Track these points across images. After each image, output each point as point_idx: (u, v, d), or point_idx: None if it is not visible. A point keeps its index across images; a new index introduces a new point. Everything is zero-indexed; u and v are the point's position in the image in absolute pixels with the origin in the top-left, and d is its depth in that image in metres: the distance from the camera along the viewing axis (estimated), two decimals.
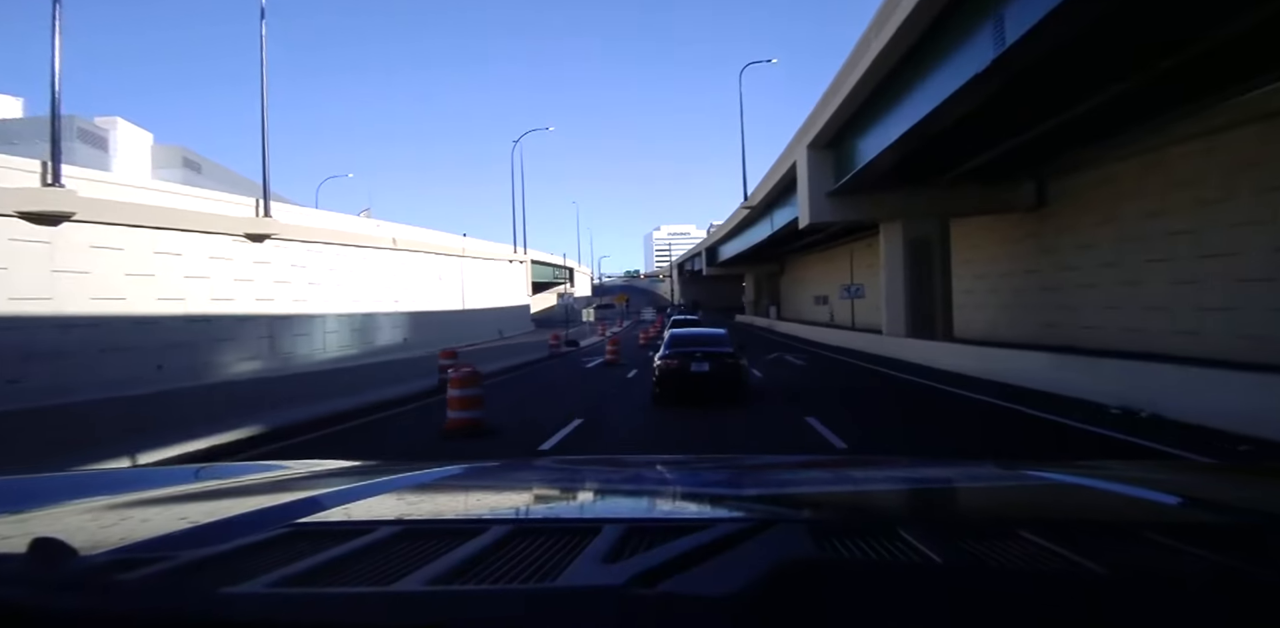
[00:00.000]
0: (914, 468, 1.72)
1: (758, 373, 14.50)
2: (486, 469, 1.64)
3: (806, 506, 1.19)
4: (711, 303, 73.85)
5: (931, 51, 12.44)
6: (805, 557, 0.66)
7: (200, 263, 17.42)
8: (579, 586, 0.59)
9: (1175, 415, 7.43)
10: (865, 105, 16.41)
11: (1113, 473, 1.39)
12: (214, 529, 0.81)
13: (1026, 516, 1.06)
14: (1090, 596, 0.53)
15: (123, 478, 1.67)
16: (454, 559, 0.67)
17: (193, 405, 7.69)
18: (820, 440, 7.09)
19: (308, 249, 21.94)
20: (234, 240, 18.65)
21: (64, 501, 1.07)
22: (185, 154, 57.06)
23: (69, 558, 0.63)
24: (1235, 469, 2.00)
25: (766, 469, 1.67)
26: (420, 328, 29.53)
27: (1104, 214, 17.71)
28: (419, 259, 30.36)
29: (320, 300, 22.45)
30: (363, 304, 25.27)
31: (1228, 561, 0.69)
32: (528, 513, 1.17)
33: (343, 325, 23.82)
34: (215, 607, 0.56)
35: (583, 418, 8.74)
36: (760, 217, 33.57)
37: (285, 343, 20.66)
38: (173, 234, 16.51)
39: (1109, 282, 17.55)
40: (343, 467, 1.65)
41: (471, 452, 6.95)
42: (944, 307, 20.14)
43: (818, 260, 46.21)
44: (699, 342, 10.43)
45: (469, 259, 36.70)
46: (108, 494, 1.13)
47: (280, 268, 20.55)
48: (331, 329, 23.02)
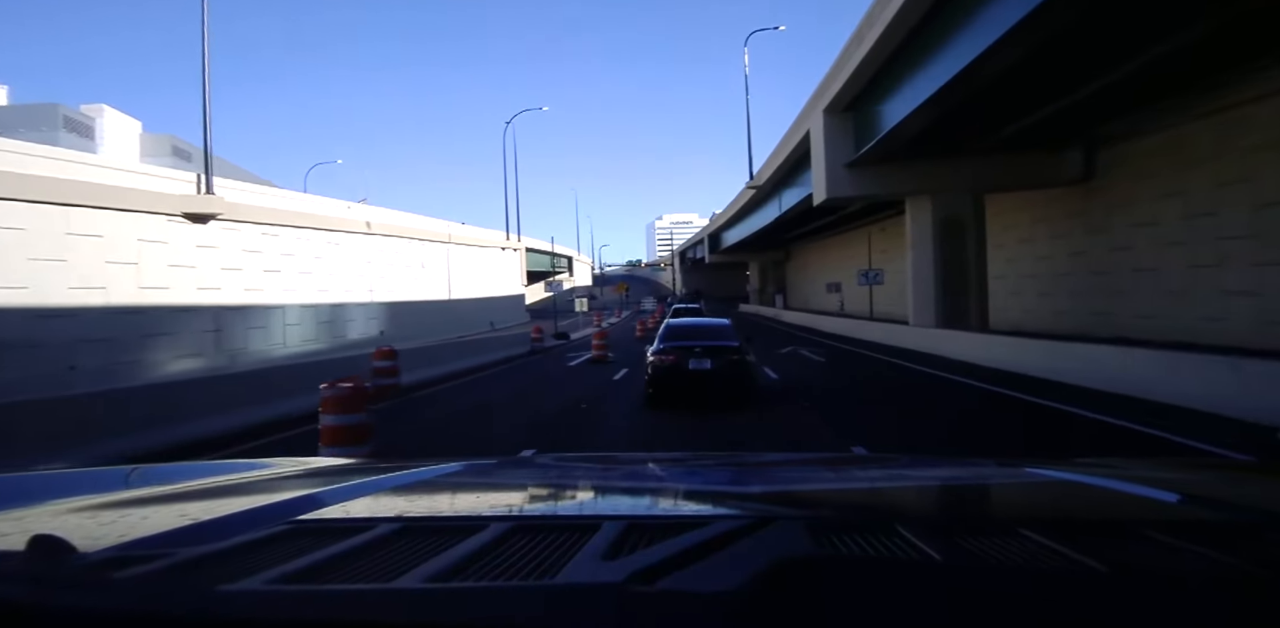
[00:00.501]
0: (914, 466, 1.70)
1: (772, 373, 12.19)
2: (485, 466, 1.64)
3: (805, 503, 1.18)
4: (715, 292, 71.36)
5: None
6: (804, 554, 0.67)
7: (126, 246, 15.12)
8: (578, 583, 0.59)
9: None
10: (894, 58, 13.99)
11: (1113, 471, 1.36)
12: (213, 527, 0.80)
13: (1026, 513, 1.08)
14: (1090, 594, 0.52)
15: (122, 475, 1.43)
16: (453, 556, 0.66)
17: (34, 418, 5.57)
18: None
19: (264, 233, 19.63)
20: (169, 221, 16.33)
21: (63, 498, 1.04)
22: (175, 143, 55.04)
23: (68, 556, 0.63)
24: (1236, 467, 1.84)
25: (766, 467, 1.71)
26: (400, 320, 27.30)
27: (1167, 185, 15.27)
28: (399, 245, 28.05)
29: (279, 289, 20.18)
30: (332, 294, 23.01)
31: (1228, 559, 0.69)
32: (527, 510, 1.15)
33: (307, 317, 21.56)
34: (214, 604, 0.56)
35: (538, 447, 6.12)
36: (767, 198, 31.10)
37: (236, 337, 18.42)
38: (89, 213, 14.21)
39: (1174, 264, 15.14)
40: (341, 464, 1.68)
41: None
42: (979, 294, 17.79)
43: (828, 246, 43.74)
44: (699, 334, 8.93)
45: (456, 246, 34.39)
46: (107, 492, 1.13)
47: (229, 253, 18.25)
48: (293, 321, 20.76)
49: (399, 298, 27.64)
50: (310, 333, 21.68)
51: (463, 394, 11.06)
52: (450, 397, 10.78)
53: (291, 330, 20.68)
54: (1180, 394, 7.39)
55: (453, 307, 33.28)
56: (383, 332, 26.16)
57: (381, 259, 26.48)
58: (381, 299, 26.23)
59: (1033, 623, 0.50)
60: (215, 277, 17.68)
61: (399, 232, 27.96)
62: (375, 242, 26.07)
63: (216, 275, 17.74)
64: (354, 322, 24.30)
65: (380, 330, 26.07)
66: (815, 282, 48.97)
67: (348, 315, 23.97)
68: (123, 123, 52.60)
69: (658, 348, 8.51)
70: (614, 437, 7.09)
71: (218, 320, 17.82)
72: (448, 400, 10.38)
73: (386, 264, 26.82)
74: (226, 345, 18.03)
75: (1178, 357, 8.45)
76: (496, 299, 38.53)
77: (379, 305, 26.00)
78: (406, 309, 28.01)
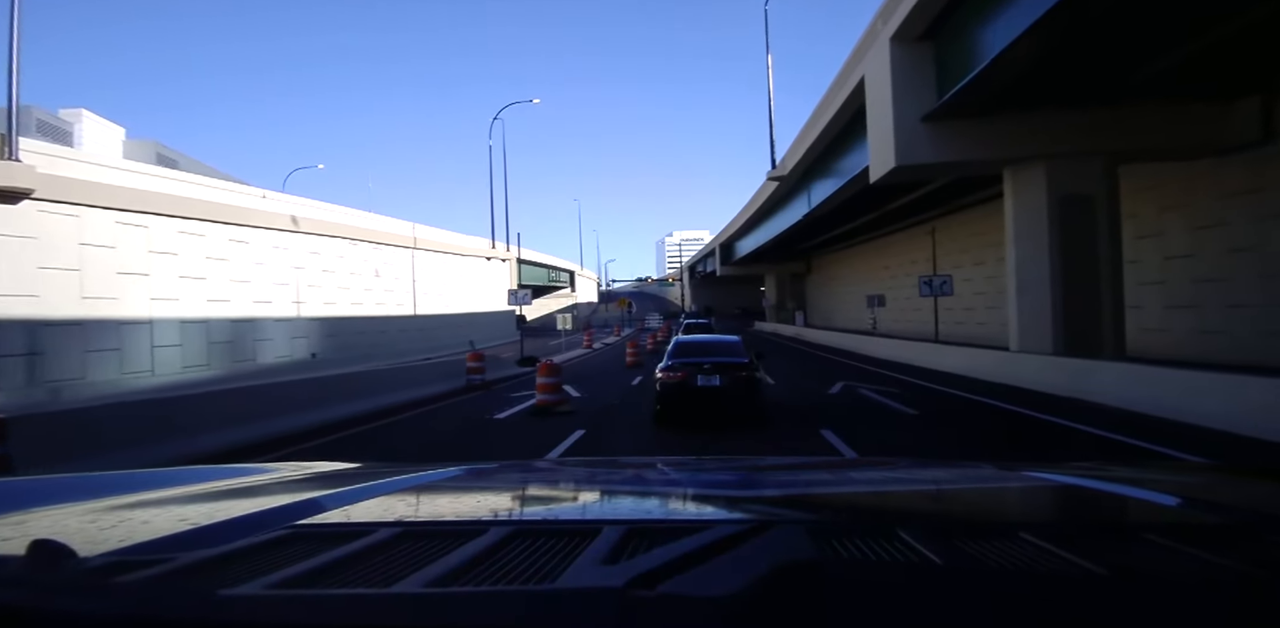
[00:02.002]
0: (914, 470, 1.70)
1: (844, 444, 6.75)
2: (486, 471, 1.62)
3: (806, 507, 1.17)
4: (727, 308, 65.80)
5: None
6: (805, 558, 0.65)
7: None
8: (579, 587, 0.59)
9: None
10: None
11: (1111, 474, 1.37)
12: (213, 531, 0.80)
13: (1026, 517, 1.11)
14: (1091, 596, 0.52)
15: (122, 480, 1.36)
16: (453, 561, 0.66)
17: None
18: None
19: (120, 222, 14.53)
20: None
21: (63, 502, 1.04)
22: (159, 149, 51.32)
23: (68, 560, 0.62)
24: (1233, 470, 1.75)
25: (766, 471, 1.69)
26: (341, 339, 22.15)
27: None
28: (342, 248, 22.94)
29: (143, 298, 15.02)
30: (235, 305, 17.84)
31: (1226, 561, 0.69)
32: (527, 515, 1.16)
33: (193, 335, 16.37)
34: (214, 609, 0.55)
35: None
36: (792, 193, 25.79)
37: (67, 363, 13.23)
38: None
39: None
40: (342, 469, 1.61)
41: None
42: (1113, 306, 12.36)
43: (857, 255, 38.31)
44: (708, 351, 8.74)
45: (427, 252, 29.32)
46: (107, 496, 1.11)
47: (54, 247, 13.13)
48: (167, 341, 15.56)
49: (341, 312, 22.48)
50: (199, 356, 16.47)
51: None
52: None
53: (165, 353, 15.46)
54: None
55: (418, 323, 28.12)
56: (314, 354, 20.97)
57: (315, 264, 21.35)
58: (314, 313, 21.05)
59: (1033, 626, 0.51)
60: (24, 279, 12.53)
61: (342, 232, 22.84)
62: (307, 243, 20.96)
63: (28, 277, 12.60)
64: (270, 341, 19.10)
65: (312, 352, 20.89)
66: (841, 296, 43.46)
67: (261, 333, 18.78)
68: (103, 128, 49.15)
69: (666, 364, 8.39)
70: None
71: (31, 340, 12.65)
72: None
73: (321, 270, 21.68)
74: (46, 375, 12.84)
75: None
76: (480, 315, 33.31)
77: (309, 321, 20.82)
78: (351, 326, 22.84)
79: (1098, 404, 9.00)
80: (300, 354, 20.36)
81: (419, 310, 28.45)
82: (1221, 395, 7.44)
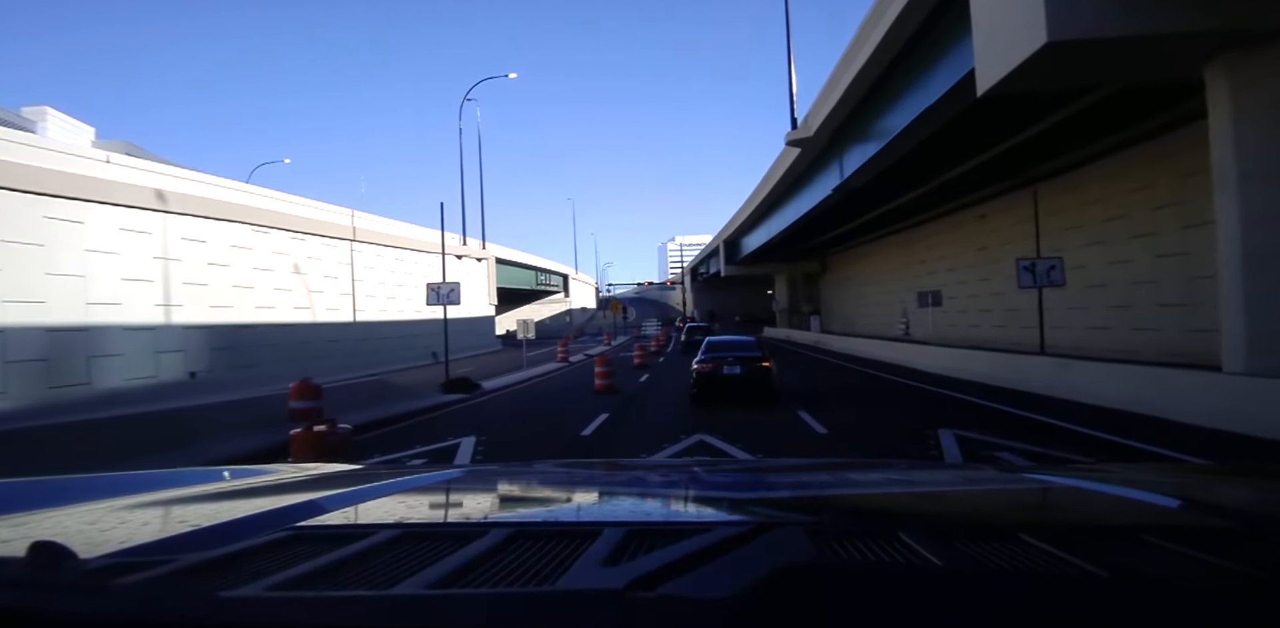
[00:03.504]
0: (913, 471, 1.68)
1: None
2: (486, 473, 1.65)
3: (806, 509, 1.16)
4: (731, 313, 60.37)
5: None
6: (804, 560, 0.65)
7: None
8: (579, 589, 0.59)
9: None
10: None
11: (1111, 476, 1.36)
12: (214, 533, 0.80)
13: (1026, 519, 1.07)
14: (1091, 598, 0.52)
15: (123, 482, 1.37)
16: (454, 563, 0.66)
17: None
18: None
19: None
20: None
21: (64, 504, 1.04)
22: (129, 150, 46.44)
23: (68, 562, 0.62)
24: (1234, 471, 1.78)
25: (766, 472, 1.69)
26: (239, 352, 17.09)
27: None
28: (245, 237, 17.88)
29: None
30: (57, 309, 12.77)
31: (1227, 563, 0.68)
32: (527, 516, 1.16)
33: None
34: (214, 610, 0.55)
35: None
36: (817, 163, 20.64)
37: None
38: None
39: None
40: (342, 471, 1.61)
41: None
42: None
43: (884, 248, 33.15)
44: (731, 348, 11.53)
45: (371, 246, 24.29)
46: (108, 497, 1.10)
47: None
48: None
49: (237, 318, 17.39)
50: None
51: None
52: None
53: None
54: None
55: (360, 332, 23.08)
56: (194, 374, 15.87)
57: (197, 255, 16.28)
58: (192, 319, 15.96)
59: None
60: None
61: (241, 216, 17.74)
62: (183, 226, 15.90)
63: None
64: (120, 357, 13.98)
65: (191, 371, 15.79)
66: (862, 297, 38.25)
67: (102, 346, 13.66)
68: (70, 127, 44.36)
69: (701, 358, 11.11)
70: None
71: None
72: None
73: (208, 263, 16.61)
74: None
75: None
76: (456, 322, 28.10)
77: (185, 329, 15.73)
78: (252, 335, 17.74)
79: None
80: (174, 373, 15.28)
81: (359, 317, 23.39)
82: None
